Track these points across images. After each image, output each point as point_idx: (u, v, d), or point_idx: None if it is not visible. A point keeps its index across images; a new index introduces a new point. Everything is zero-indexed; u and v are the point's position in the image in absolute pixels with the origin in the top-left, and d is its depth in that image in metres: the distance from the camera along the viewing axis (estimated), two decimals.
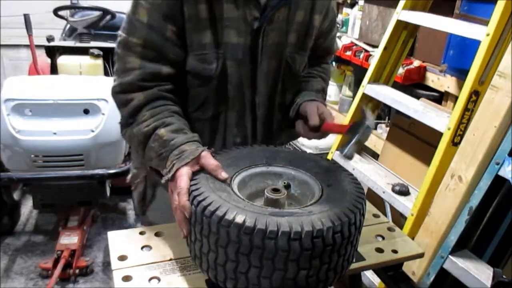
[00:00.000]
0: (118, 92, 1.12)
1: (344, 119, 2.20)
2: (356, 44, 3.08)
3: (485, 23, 1.61)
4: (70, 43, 3.32)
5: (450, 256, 1.55)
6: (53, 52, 3.15)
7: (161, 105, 1.09)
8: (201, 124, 1.21)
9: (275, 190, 0.95)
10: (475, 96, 1.60)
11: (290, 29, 1.20)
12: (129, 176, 1.45)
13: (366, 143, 2.52)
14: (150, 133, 1.05)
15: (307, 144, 3.08)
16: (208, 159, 0.96)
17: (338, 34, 3.36)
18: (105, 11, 3.21)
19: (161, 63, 1.10)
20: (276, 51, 1.20)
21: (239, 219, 0.79)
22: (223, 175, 0.94)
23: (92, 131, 2.43)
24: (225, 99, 1.20)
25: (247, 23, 1.13)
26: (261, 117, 1.26)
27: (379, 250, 1.10)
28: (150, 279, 0.95)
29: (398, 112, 2.07)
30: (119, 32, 1.12)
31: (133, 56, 1.09)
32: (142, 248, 1.04)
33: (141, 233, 1.10)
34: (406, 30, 2.04)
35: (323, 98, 1.40)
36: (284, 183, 1.01)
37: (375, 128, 0.94)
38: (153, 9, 1.07)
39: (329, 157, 2.17)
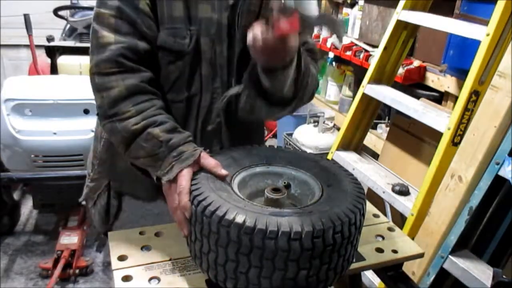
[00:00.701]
0: (95, 73, 1.04)
1: (344, 120, 2.20)
2: (356, 44, 3.08)
3: (485, 23, 1.61)
4: (70, 43, 3.33)
5: (450, 256, 1.55)
6: (53, 52, 3.15)
7: (146, 100, 1.03)
8: (176, 107, 1.15)
9: (275, 190, 0.95)
10: (475, 96, 1.60)
11: (263, 15, 1.13)
12: (84, 193, 1.36)
13: (366, 143, 2.53)
14: (140, 132, 1.00)
15: (307, 144, 3.09)
16: (207, 159, 0.96)
17: None
18: None
19: (135, 37, 1.04)
20: (246, 34, 1.14)
21: (239, 219, 0.79)
22: (223, 172, 0.94)
23: (92, 131, 2.41)
24: (199, 79, 1.14)
25: None
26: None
27: (379, 250, 1.10)
28: (150, 279, 0.94)
29: (398, 112, 2.07)
30: (94, 8, 1.07)
31: (106, 30, 1.03)
32: (142, 248, 1.04)
33: (141, 233, 1.10)
34: (406, 30, 2.04)
35: None
36: (284, 183, 1.01)
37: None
38: None
39: (329, 157, 2.17)
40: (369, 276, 1.81)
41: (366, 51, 2.93)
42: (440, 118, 1.72)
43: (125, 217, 1.30)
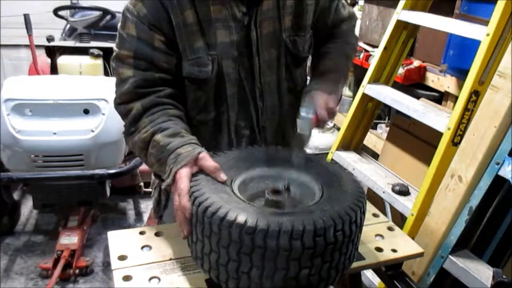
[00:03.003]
0: (119, 104, 1.16)
1: (344, 120, 2.21)
2: None
3: (485, 23, 1.61)
4: (70, 43, 3.33)
5: (450, 256, 1.55)
6: (53, 52, 3.15)
7: (159, 110, 1.11)
8: (205, 126, 1.24)
9: (275, 192, 0.95)
10: (475, 96, 1.60)
11: (284, 13, 1.22)
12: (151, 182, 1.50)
13: (366, 143, 2.53)
14: (149, 140, 1.07)
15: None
16: (207, 161, 0.97)
17: None
18: (105, 11, 3.21)
19: (153, 71, 1.13)
20: (273, 39, 1.22)
21: (241, 219, 0.79)
22: (222, 177, 0.95)
23: (92, 131, 2.43)
24: (225, 98, 1.22)
25: (236, 20, 1.15)
26: (268, 106, 1.28)
27: (379, 250, 1.10)
28: (150, 278, 0.95)
29: (398, 112, 2.07)
30: (114, 48, 1.17)
31: (126, 68, 1.13)
32: (142, 248, 1.04)
33: (141, 233, 1.10)
34: (406, 30, 2.04)
35: (337, 72, 1.32)
36: (284, 184, 1.01)
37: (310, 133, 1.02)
38: (139, 21, 1.11)
39: (329, 157, 2.17)
40: (369, 276, 1.81)
41: (366, 51, 2.94)
42: (440, 118, 1.72)
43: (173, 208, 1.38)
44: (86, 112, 2.45)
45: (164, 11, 1.10)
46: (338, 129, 2.78)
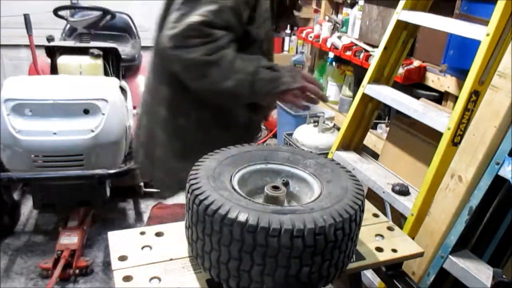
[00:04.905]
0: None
1: (344, 120, 2.20)
2: (356, 44, 3.08)
3: (485, 23, 1.61)
4: (70, 43, 3.32)
5: (450, 256, 1.55)
6: (53, 52, 3.15)
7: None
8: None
9: (275, 188, 0.95)
10: (475, 96, 1.60)
11: None
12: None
13: (366, 143, 2.53)
14: (255, 70, 1.30)
15: (307, 144, 3.09)
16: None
17: (338, 34, 3.37)
18: (105, 11, 3.21)
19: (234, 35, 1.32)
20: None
21: (242, 217, 0.80)
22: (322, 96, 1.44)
23: (92, 131, 2.42)
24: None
25: None
26: None
27: (379, 250, 1.10)
28: (151, 279, 0.95)
29: (398, 112, 2.07)
30: (196, 18, 1.25)
31: (217, 31, 1.26)
32: (142, 248, 1.04)
33: (141, 233, 1.10)
34: (406, 30, 2.04)
35: None
36: (283, 180, 1.02)
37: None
38: None
39: (329, 157, 2.17)
40: (369, 276, 1.81)
41: (366, 51, 2.94)
42: (440, 118, 1.72)
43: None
44: (86, 112, 2.44)
45: None
46: (338, 129, 2.78)
